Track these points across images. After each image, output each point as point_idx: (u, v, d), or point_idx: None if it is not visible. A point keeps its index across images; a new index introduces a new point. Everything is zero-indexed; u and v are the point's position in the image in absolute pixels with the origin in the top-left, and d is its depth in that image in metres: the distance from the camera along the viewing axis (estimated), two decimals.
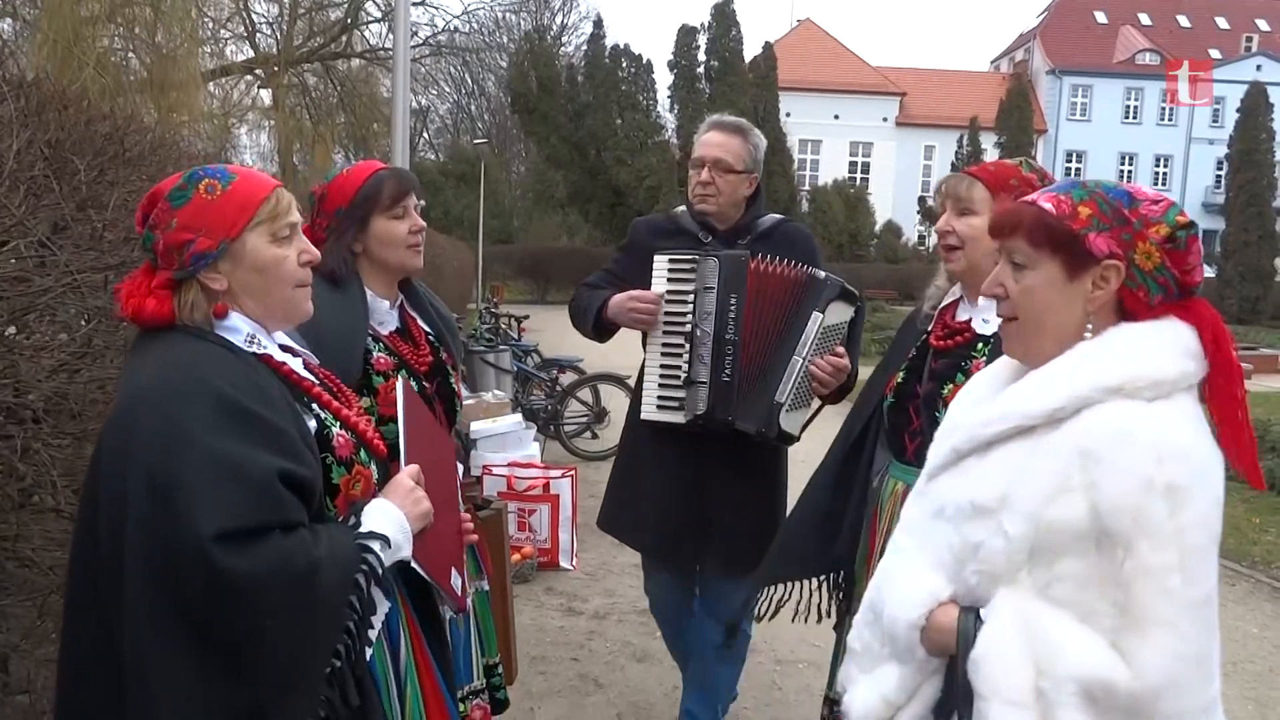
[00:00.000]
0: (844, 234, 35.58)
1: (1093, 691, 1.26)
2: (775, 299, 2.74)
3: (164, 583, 1.28)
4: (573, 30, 40.53)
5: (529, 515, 5.17)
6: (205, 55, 18.88)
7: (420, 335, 2.24)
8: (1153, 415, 1.31)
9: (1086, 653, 1.27)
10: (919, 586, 1.44)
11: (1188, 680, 1.26)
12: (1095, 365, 1.35)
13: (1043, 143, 41.58)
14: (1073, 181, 1.47)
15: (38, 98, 2.38)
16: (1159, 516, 1.25)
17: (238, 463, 1.32)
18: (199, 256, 1.45)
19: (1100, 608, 1.28)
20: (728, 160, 2.88)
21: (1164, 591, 1.25)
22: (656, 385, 2.84)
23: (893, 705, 1.46)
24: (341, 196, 2.08)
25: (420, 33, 25.97)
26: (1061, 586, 1.31)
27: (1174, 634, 1.25)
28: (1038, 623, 1.31)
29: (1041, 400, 1.37)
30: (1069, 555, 1.30)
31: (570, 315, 3.13)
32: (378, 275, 2.15)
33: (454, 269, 16.04)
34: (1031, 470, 1.35)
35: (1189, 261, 1.39)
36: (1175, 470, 1.27)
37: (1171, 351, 1.36)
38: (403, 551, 1.53)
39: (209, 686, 1.29)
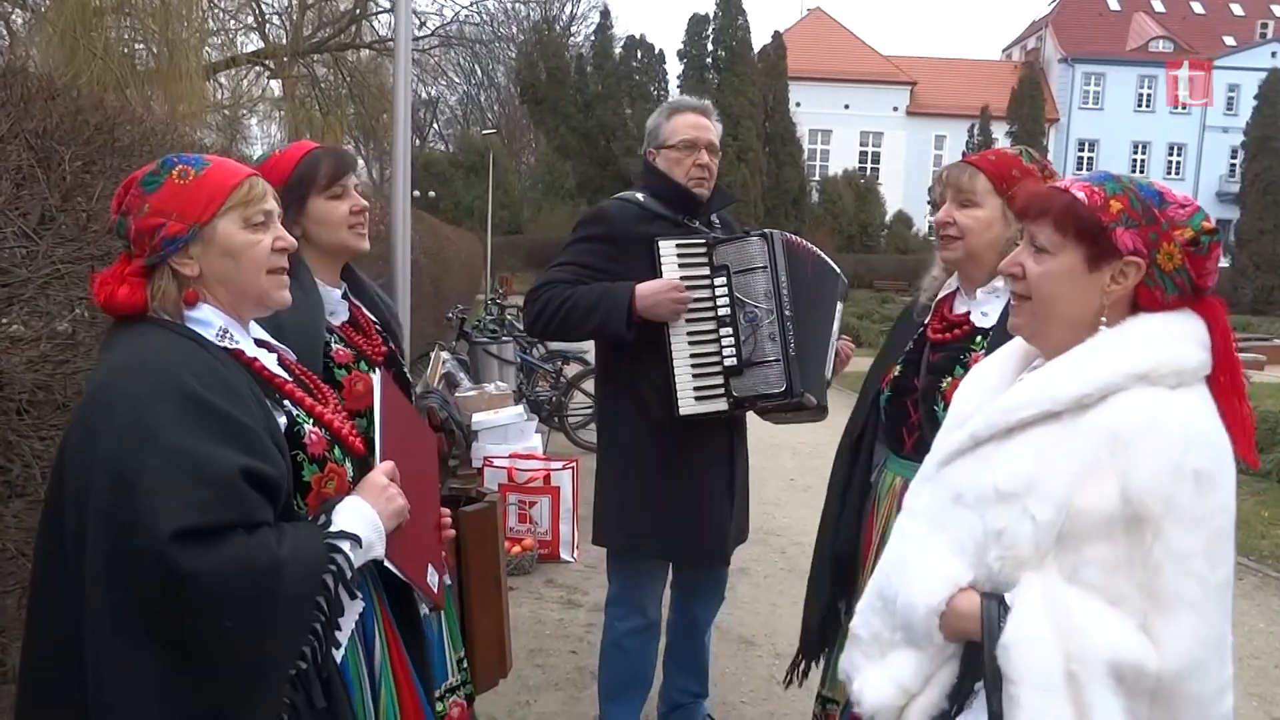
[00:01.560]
0: (854, 224, 35.51)
1: (1123, 673, 1.28)
2: (807, 274, 2.77)
3: (123, 580, 1.26)
4: (581, 20, 40.44)
5: (530, 507, 5.16)
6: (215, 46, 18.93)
7: (369, 325, 2.14)
8: (1178, 403, 1.35)
9: (1116, 636, 1.30)
10: (938, 572, 1.43)
11: (1210, 662, 1.30)
12: (1121, 353, 1.38)
13: (1055, 131, 41.29)
14: (1106, 174, 1.48)
15: (23, 87, 2.35)
16: (1188, 501, 1.29)
17: (200, 460, 1.29)
18: (169, 240, 1.43)
19: (1128, 591, 1.31)
20: (715, 142, 2.88)
21: (1191, 575, 1.29)
22: (691, 377, 2.72)
23: (908, 692, 1.46)
24: (275, 177, 1.93)
25: (429, 23, 25.93)
26: (1089, 570, 1.33)
27: (1199, 617, 1.29)
28: (1067, 607, 1.32)
29: (1069, 386, 1.38)
30: (1097, 539, 1.32)
31: (546, 318, 2.78)
32: (321, 261, 2.05)
33: (461, 260, 16.03)
34: (1059, 455, 1.36)
35: (1207, 266, 1.42)
36: (1202, 455, 1.31)
37: (1191, 341, 1.40)
38: (375, 550, 1.50)
39: (168, 686, 1.27)
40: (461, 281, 15.65)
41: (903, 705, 1.46)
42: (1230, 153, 41.51)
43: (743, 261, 2.71)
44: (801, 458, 7.96)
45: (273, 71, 22.39)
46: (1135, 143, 43.09)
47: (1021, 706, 1.30)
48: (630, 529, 2.90)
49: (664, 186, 2.84)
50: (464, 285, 16.38)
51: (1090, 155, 43.14)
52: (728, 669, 3.92)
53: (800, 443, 8.43)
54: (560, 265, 2.84)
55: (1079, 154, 43.07)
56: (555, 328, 2.81)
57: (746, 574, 4.93)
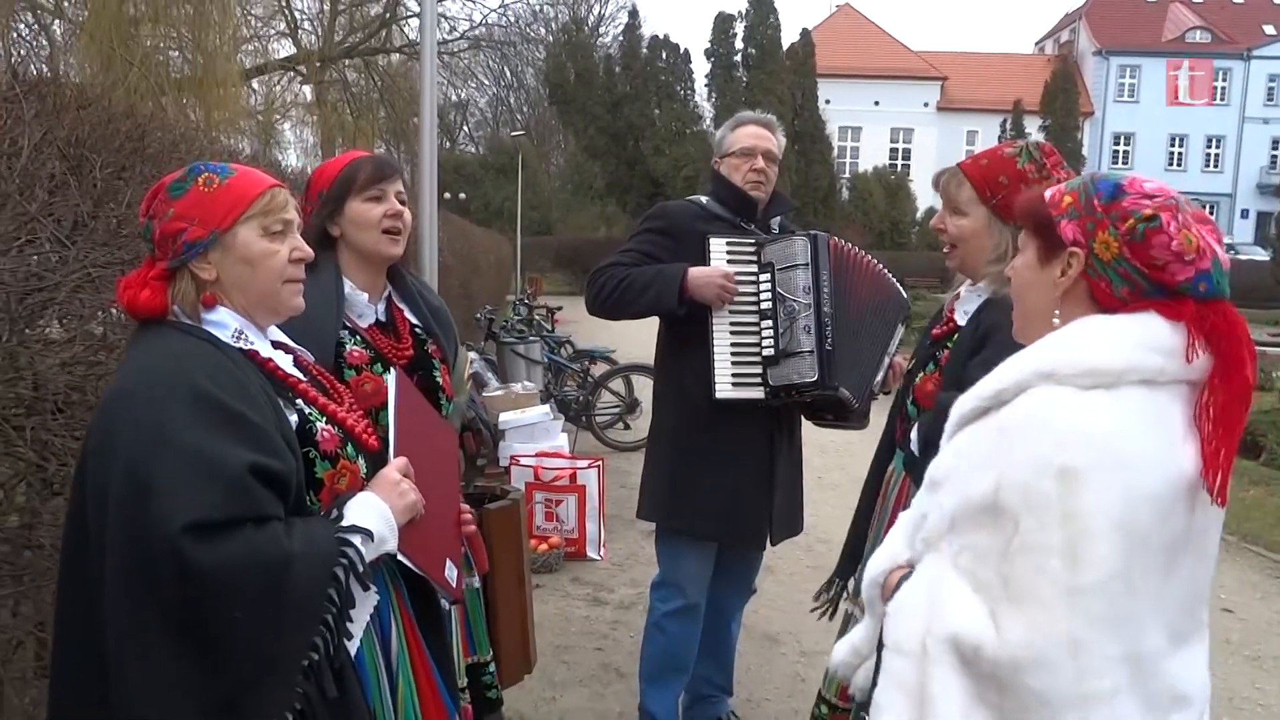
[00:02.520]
0: (885, 221, 35.23)
1: (964, 651, 1.32)
2: (861, 284, 2.91)
3: (140, 573, 1.31)
4: (609, 21, 40.54)
5: (556, 505, 5.19)
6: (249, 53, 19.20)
7: (405, 327, 2.19)
8: (1074, 401, 1.31)
9: (965, 616, 1.33)
10: (885, 550, 1.61)
11: (1055, 662, 1.26)
12: (1039, 352, 1.39)
13: (1089, 125, 40.74)
14: (1085, 175, 1.50)
15: (56, 97, 2.42)
16: (1048, 497, 1.27)
17: (210, 457, 1.34)
18: (190, 245, 1.49)
19: (989, 579, 1.33)
20: (775, 152, 3.06)
21: (1041, 570, 1.27)
22: (730, 364, 2.89)
23: (860, 654, 1.64)
24: (324, 180, 2.09)
25: (458, 26, 26.10)
26: (964, 556, 1.37)
27: (1044, 612, 1.27)
28: (938, 586, 1.39)
29: (991, 383, 1.42)
30: (976, 528, 1.36)
31: (606, 294, 2.99)
32: (357, 265, 2.11)
33: (490, 262, 16.14)
34: (970, 448, 1.41)
35: (1153, 256, 1.35)
36: (1075, 454, 1.27)
37: (1122, 343, 1.33)
38: (387, 544, 1.54)
39: (184, 676, 1.31)
40: (491, 282, 15.76)
41: (856, 665, 1.64)
42: (1271, 144, 40.74)
43: (786, 259, 2.87)
44: (829, 455, 7.94)
45: (305, 77, 22.67)
46: (1172, 135, 42.38)
47: (885, 669, 1.42)
48: (668, 506, 3.08)
49: (724, 190, 3.05)
50: (493, 286, 16.49)
51: (1126, 149, 42.52)
52: (752, 665, 3.94)
53: (828, 441, 8.39)
54: (622, 252, 3.08)
55: (1114, 148, 42.45)
56: (613, 304, 2.99)
57: (772, 571, 4.93)
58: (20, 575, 2.20)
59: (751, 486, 2.99)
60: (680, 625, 3.12)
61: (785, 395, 2.89)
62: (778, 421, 3.02)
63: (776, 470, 3.02)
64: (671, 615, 3.11)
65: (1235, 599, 4.93)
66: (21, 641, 2.14)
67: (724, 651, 3.35)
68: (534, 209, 33.71)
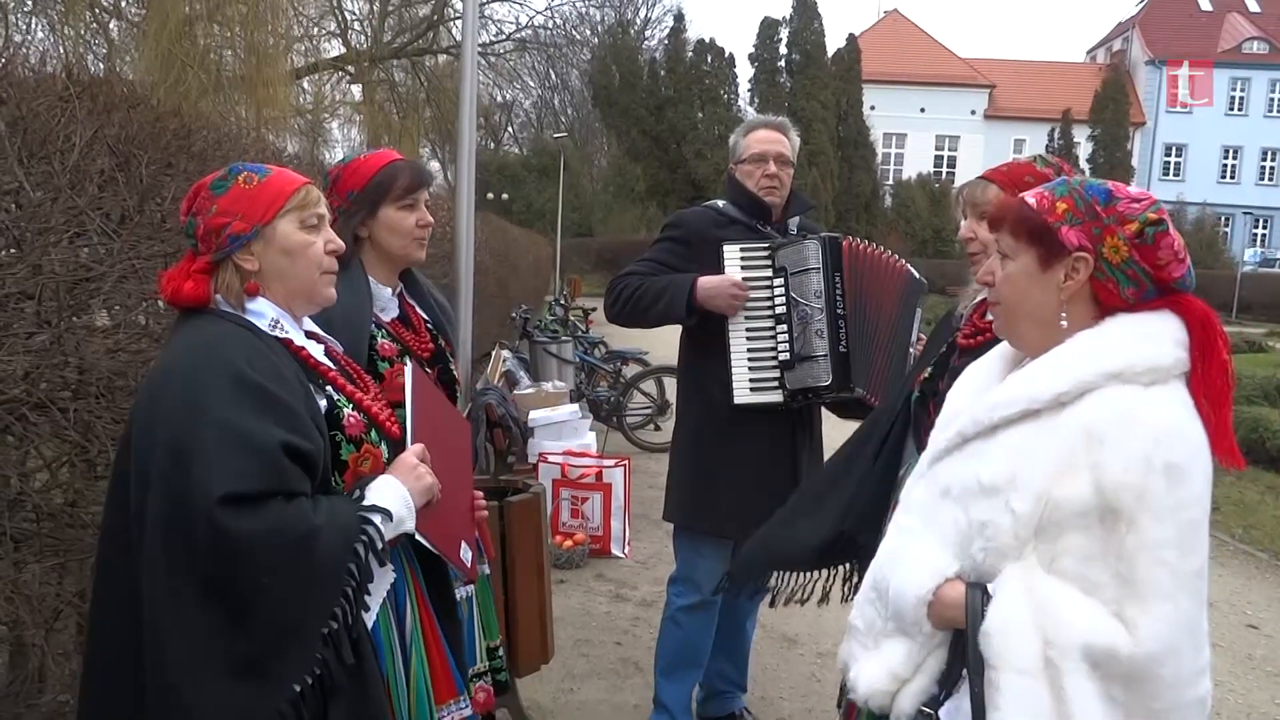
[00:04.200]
0: (928, 229, 34.94)
1: (1097, 658, 1.34)
2: (875, 280, 2.94)
3: (177, 540, 1.41)
4: (655, 24, 40.54)
5: (582, 503, 5.27)
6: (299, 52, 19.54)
7: (420, 323, 2.28)
8: (1151, 399, 1.40)
9: (1091, 622, 1.35)
10: (926, 564, 1.50)
11: (1183, 647, 1.34)
12: (1097, 352, 1.44)
13: (1140, 135, 40.07)
14: (1060, 180, 1.56)
15: (107, 96, 2.55)
16: (1159, 493, 1.34)
17: (246, 434, 1.44)
18: (235, 238, 1.59)
19: (1103, 580, 1.36)
20: (788, 155, 3.09)
21: (1163, 564, 1.34)
22: (747, 369, 2.94)
23: (899, 679, 1.52)
24: (355, 180, 2.13)
25: (504, 28, 26.34)
26: (1066, 561, 1.39)
27: (1172, 604, 1.34)
28: (1044, 595, 1.38)
29: (1047, 385, 1.44)
30: (1073, 531, 1.38)
31: (621, 303, 3.07)
32: (380, 263, 2.19)
33: (529, 262, 16.28)
34: (1038, 451, 1.42)
35: (1160, 257, 1.45)
36: (1173, 449, 1.35)
37: (1167, 340, 1.44)
38: (405, 525, 1.63)
39: (213, 636, 1.41)
40: (529, 282, 15.90)
41: (894, 691, 1.51)
42: None
43: (799, 263, 2.91)
44: None
45: (353, 76, 23.02)
46: (1226, 147, 41.55)
47: (1001, 690, 1.36)
48: (690, 507, 3.13)
49: (739, 195, 3.09)
50: (532, 286, 16.63)
51: (1177, 160, 41.74)
52: (769, 665, 3.98)
53: None
54: (640, 261, 3.14)
55: (1165, 159, 41.70)
56: (629, 312, 3.07)
57: None
58: (62, 551, 2.32)
59: (775, 488, 2.99)
60: (695, 620, 3.18)
61: (803, 398, 2.95)
62: (800, 420, 3.06)
63: (800, 468, 3.06)
64: (687, 610, 3.17)
65: (1262, 615, 4.88)
66: (61, 610, 2.26)
67: (739, 648, 3.40)
68: (575, 210, 33.86)
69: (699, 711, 3.41)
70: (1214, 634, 4.59)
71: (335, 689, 1.47)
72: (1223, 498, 6.73)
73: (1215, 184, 40.65)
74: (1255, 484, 7.44)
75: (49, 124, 2.22)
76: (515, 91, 34.19)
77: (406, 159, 2.22)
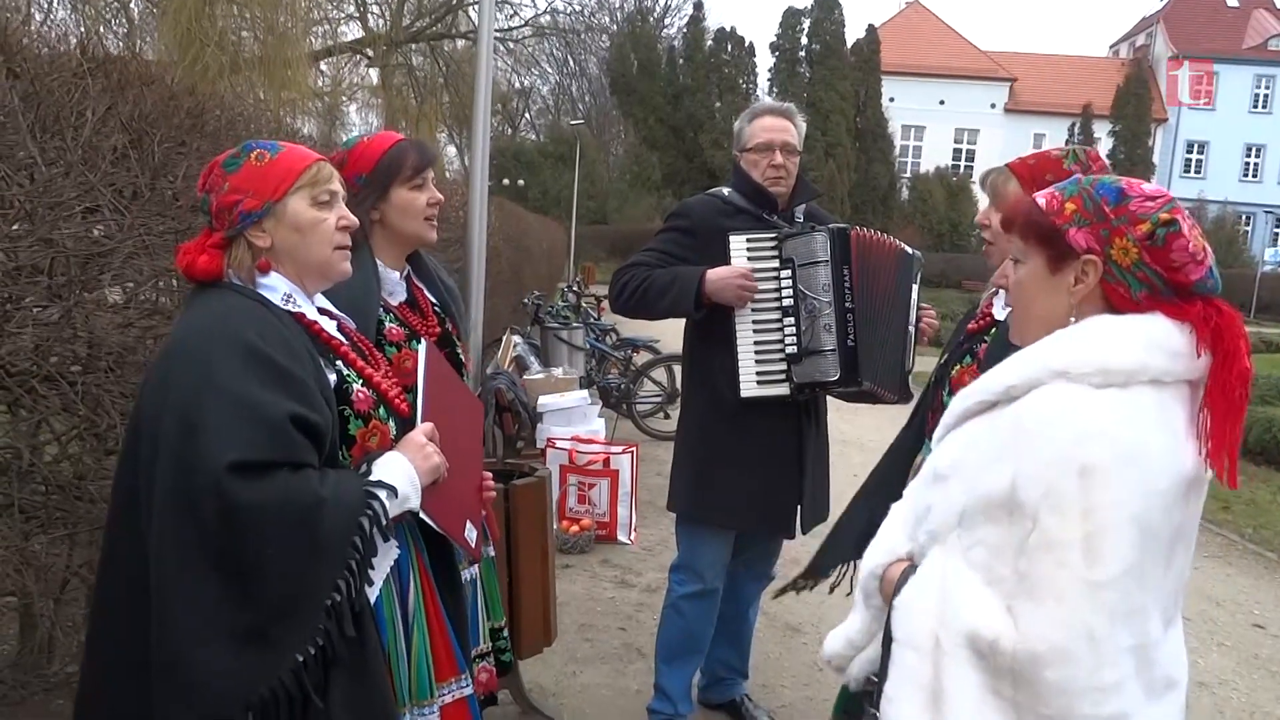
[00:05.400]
0: (945, 223, 34.79)
1: (981, 648, 1.34)
2: (878, 268, 2.91)
3: (187, 508, 1.43)
4: (675, 12, 40.42)
5: (589, 489, 5.29)
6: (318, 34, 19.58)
7: (427, 306, 2.28)
8: (1089, 399, 1.34)
9: (981, 612, 1.35)
10: (883, 543, 1.59)
11: (1078, 655, 1.29)
12: (1051, 348, 1.41)
13: (1162, 132, 39.70)
14: (1073, 179, 1.50)
15: (121, 73, 2.56)
16: (1070, 495, 1.30)
17: (255, 404, 1.46)
18: (246, 215, 1.61)
19: (1005, 574, 1.35)
20: (794, 143, 3.03)
21: (1061, 565, 1.30)
22: (754, 362, 2.91)
23: (855, 646, 1.62)
24: (362, 164, 2.11)
25: (523, 13, 26.30)
26: (977, 551, 1.39)
27: (1066, 608, 1.29)
28: (949, 581, 1.41)
29: (1001, 378, 1.44)
30: (988, 522, 1.38)
31: (627, 295, 3.04)
32: (390, 245, 2.19)
33: (543, 248, 16.29)
34: (977, 442, 1.44)
35: (1173, 259, 1.38)
36: (1094, 451, 1.30)
37: (1132, 343, 1.37)
38: (410, 502, 1.64)
39: (220, 606, 1.43)
40: (542, 269, 15.90)
41: (850, 656, 1.62)
42: None
43: (807, 255, 2.87)
44: (869, 454, 7.88)
45: (371, 60, 23.03)
46: (1249, 145, 41.11)
47: (894, 663, 1.43)
48: (694, 497, 3.11)
49: (745, 185, 3.04)
50: (546, 272, 16.64)
51: (1199, 157, 41.33)
52: (772, 653, 3.99)
53: (869, 440, 8.37)
54: (645, 251, 3.10)
55: (1187, 156, 41.32)
56: (635, 304, 3.04)
57: (799, 564, 4.93)
58: (71, 523, 2.35)
59: (782, 477, 3.03)
60: (697, 608, 3.18)
61: (810, 391, 2.94)
62: (806, 410, 3.05)
63: (806, 459, 3.05)
64: (689, 598, 3.17)
65: (1269, 615, 4.86)
66: (69, 581, 2.29)
67: (742, 636, 3.41)
68: (591, 198, 33.84)
69: (700, 698, 3.42)
70: (1220, 633, 4.61)
71: (336, 660, 1.48)
72: (1234, 497, 6.70)
73: (1237, 182, 40.25)
74: (1267, 484, 7.40)
75: (63, 100, 2.23)
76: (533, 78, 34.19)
77: (410, 138, 2.21)
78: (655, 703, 3.26)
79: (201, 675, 1.41)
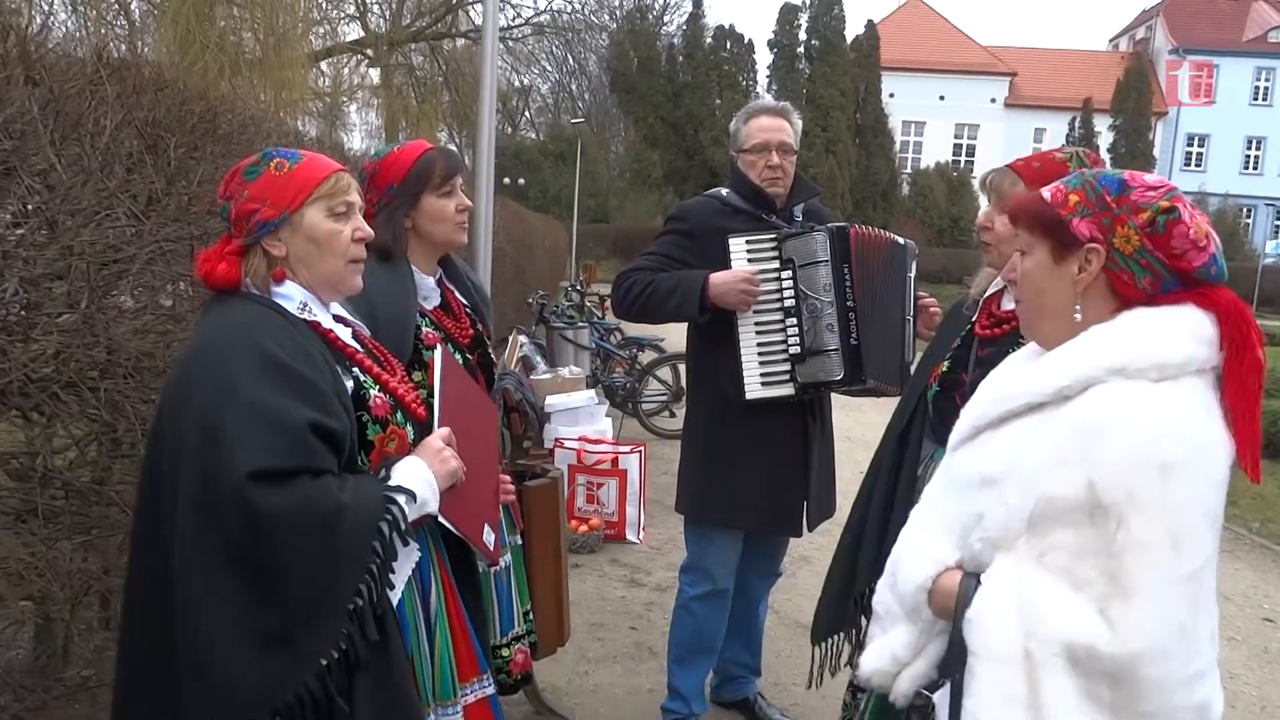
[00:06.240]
0: (945, 218, 34.76)
1: (1077, 655, 1.33)
2: (876, 264, 2.91)
3: (209, 514, 1.45)
4: (674, 9, 40.36)
5: (597, 489, 5.30)
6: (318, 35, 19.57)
7: (459, 309, 2.34)
8: (1153, 395, 1.36)
9: (1073, 618, 1.33)
10: (929, 552, 1.53)
11: (1170, 650, 1.31)
12: (1102, 346, 1.41)
13: (1162, 125, 39.66)
14: (1077, 173, 1.53)
15: (136, 79, 2.57)
16: (1152, 492, 1.31)
17: (275, 412, 1.48)
18: (263, 224, 1.62)
19: (1092, 576, 1.34)
20: (790, 143, 3.03)
21: (1151, 564, 1.31)
22: (758, 364, 2.91)
23: (899, 662, 1.55)
24: (393, 174, 2.18)
25: (523, 11, 26.29)
26: (1056, 555, 1.37)
27: (1157, 604, 1.31)
28: (1030, 588, 1.37)
29: (1050, 378, 1.44)
30: (1064, 526, 1.36)
31: (630, 301, 3.04)
32: (423, 251, 2.25)
33: (545, 247, 16.29)
34: (1034, 444, 1.42)
35: (1174, 246, 1.41)
36: (1170, 448, 1.32)
37: (1178, 336, 1.40)
38: (429, 506, 1.66)
39: (245, 612, 1.44)
40: (545, 268, 15.91)
41: (895, 673, 1.55)
42: None
43: (807, 255, 2.87)
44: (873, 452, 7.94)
45: (371, 60, 23.03)
46: (1249, 138, 41.06)
47: (977, 678, 1.38)
48: (700, 500, 3.12)
49: (743, 185, 3.04)
50: (548, 271, 16.65)
51: (1200, 150, 41.29)
52: (783, 651, 4.00)
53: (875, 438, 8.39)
54: (646, 255, 3.10)
55: (1187, 149, 41.28)
56: (638, 309, 3.04)
57: (809, 562, 5.00)
58: (89, 528, 2.36)
59: (788, 477, 3.03)
60: (708, 609, 3.19)
61: (814, 391, 2.94)
62: (811, 409, 3.05)
63: (811, 457, 3.06)
64: (700, 599, 3.19)
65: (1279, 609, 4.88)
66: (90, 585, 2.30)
67: (752, 633, 3.42)
68: (592, 196, 33.85)
69: (713, 696, 3.44)
70: (1229, 627, 4.61)
71: (361, 663, 1.50)
72: (1241, 491, 6.70)
73: (1238, 175, 40.21)
74: (1273, 477, 7.40)
75: (80, 106, 2.24)
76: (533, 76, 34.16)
77: (438, 147, 2.26)
78: (669, 702, 3.28)
79: (227, 681, 1.43)
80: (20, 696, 2.38)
